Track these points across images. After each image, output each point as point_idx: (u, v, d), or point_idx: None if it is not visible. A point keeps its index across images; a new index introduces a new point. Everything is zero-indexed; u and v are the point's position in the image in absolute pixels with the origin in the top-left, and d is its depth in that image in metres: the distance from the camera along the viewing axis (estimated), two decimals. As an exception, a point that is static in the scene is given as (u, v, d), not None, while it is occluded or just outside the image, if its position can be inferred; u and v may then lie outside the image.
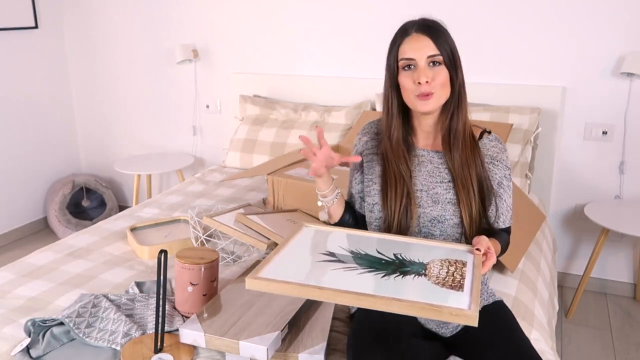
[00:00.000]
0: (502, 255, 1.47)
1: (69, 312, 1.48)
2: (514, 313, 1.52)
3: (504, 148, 1.43)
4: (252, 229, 1.88)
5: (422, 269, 1.17)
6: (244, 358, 1.30)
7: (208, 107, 3.49)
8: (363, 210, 1.51)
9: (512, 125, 2.54)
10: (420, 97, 1.31)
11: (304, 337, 1.36)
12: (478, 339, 1.32)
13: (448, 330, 1.38)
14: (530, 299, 1.76)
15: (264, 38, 3.23)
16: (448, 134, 1.38)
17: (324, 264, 1.18)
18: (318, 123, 2.97)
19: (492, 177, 1.40)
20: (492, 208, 1.41)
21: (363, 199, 1.50)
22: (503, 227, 1.44)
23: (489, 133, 1.44)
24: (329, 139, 2.87)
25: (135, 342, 1.38)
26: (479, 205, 1.37)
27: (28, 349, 1.38)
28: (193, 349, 1.37)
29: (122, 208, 3.83)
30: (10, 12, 3.33)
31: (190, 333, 1.32)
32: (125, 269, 1.84)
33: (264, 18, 3.19)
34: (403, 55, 1.31)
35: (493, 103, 2.76)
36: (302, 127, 2.96)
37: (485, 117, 2.64)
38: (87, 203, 3.72)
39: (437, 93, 1.31)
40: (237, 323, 1.36)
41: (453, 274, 1.15)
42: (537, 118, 2.62)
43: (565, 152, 2.78)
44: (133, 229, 2.12)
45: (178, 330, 1.39)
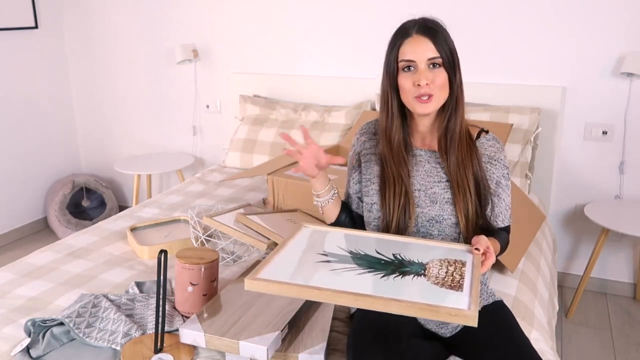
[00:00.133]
0: (501, 255, 1.47)
1: (69, 312, 1.48)
2: (514, 313, 1.52)
3: (502, 147, 1.43)
4: (252, 229, 1.88)
5: (421, 269, 1.17)
6: (244, 358, 1.30)
7: (208, 107, 3.49)
8: (360, 211, 1.51)
9: (512, 125, 2.54)
10: (420, 99, 1.31)
11: (304, 337, 1.36)
12: (478, 339, 1.32)
13: (448, 331, 1.38)
14: (530, 299, 1.76)
15: (264, 38, 3.23)
16: (444, 135, 1.38)
17: (323, 265, 1.18)
18: (318, 123, 2.97)
19: (490, 176, 1.40)
20: (489, 208, 1.41)
21: (361, 199, 1.50)
22: (502, 226, 1.44)
23: (487, 132, 1.44)
24: (329, 139, 2.87)
25: (135, 342, 1.38)
26: (476, 206, 1.37)
27: (28, 349, 1.38)
28: (193, 349, 1.37)
29: (122, 208, 3.83)
30: (10, 12, 3.33)
31: (190, 333, 1.33)
32: (125, 269, 1.84)
33: (264, 18, 3.19)
34: (403, 57, 1.31)
35: (493, 103, 2.76)
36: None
37: (485, 117, 2.64)
38: (87, 203, 3.72)
39: (436, 95, 1.31)
40: (237, 323, 1.36)
41: (452, 274, 1.15)
42: (537, 118, 2.62)
43: (565, 152, 2.78)
44: (133, 229, 2.12)
45: (178, 330, 1.39)
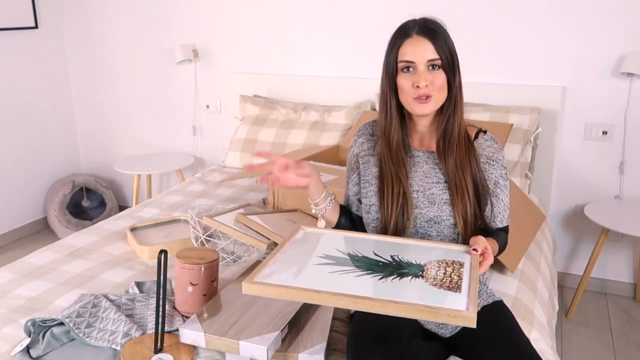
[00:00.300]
0: (500, 255, 1.47)
1: (69, 312, 1.48)
2: (514, 313, 1.52)
3: (500, 147, 1.43)
4: (252, 229, 1.88)
5: (419, 271, 1.17)
6: (244, 358, 1.30)
7: (208, 107, 3.49)
8: (360, 213, 1.50)
9: (512, 125, 2.54)
10: (419, 100, 1.30)
11: (304, 337, 1.36)
12: (478, 339, 1.32)
13: (447, 331, 1.38)
14: (530, 299, 1.76)
15: (264, 38, 3.23)
16: (443, 137, 1.37)
17: (321, 267, 1.18)
18: (318, 123, 2.97)
19: (488, 176, 1.39)
20: (488, 208, 1.40)
21: (360, 201, 1.49)
22: (501, 226, 1.43)
23: (485, 132, 1.43)
24: (329, 139, 2.87)
25: (135, 342, 1.38)
26: (475, 207, 1.36)
27: (28, 349, 1.38)
28: (193, 349, 1.37)
29: (122, 208, 3.83)
30: (10, 12, 3.33)
31: (190, 333, 1.33)
32: (125, 269, 1.84)
33: (264, 18, 3.19)
34: (403, 58, 1.31)
35: (493, 103, 2.76)
36: (302, 127, 2.96)
37: (485, 117, 2.64)
38: (87, 203, 3.72)
39: (435, 96, 1.31)
40: (237, 323, 1.36)
41: (450, 275, 1.15)
42: (537, 118, 2.62)
43: (565, 152, 2.78)
44: (133, 229, 2.12)
45: (178, 330, 1.39)
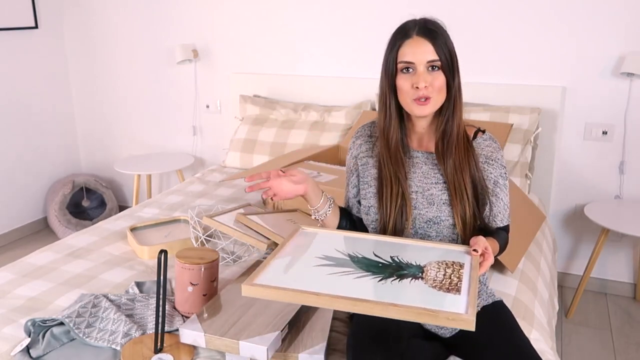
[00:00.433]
0: (501, 254, 1.47)
1: (69, 312, 1.48)
2: (514, 313, 1.52)
3: (499, 147, 1.42)
4: (252, 229, 1.88)
5: (419, 272, 1.16)
6: (244, 358, 1.30)
7: (208, 107, 3.49)
8: (361, 214, 1.50)
9: (512, 125, 2.54)
10: (418, 101, 1.30)
11: (304, 337, 1.36)
12: (478, 339, 1.32)
13: (447, 331, 1.38)
14: (530, 299, 1.76)
15: (264, 38, 3.23)
16: (442, 139, 1.37)
17: (321, 269, 1.17)
18: (318, 123, 2.97)
19: (487, 176, 1.39)
20: (487, 208, 1.40)
21: (360, 202, 1.49)
22: (501, 225, 1.43)
23: (483, 132, 1.43)
24: (329, 139, 2.87)
25: (135, 342, 1.38)
26: (474, 209, 1.36)
27: (28, 349, 1.38)
28: (193, 349, 1.37)
29: (122, 208, 3.83)
30: (10, 12, 3.33)
31: (190, 333, 1.33)
32: (125, 269, 1.84)
33: (264, 18, 3.19)
34: (402, 58, 1.30)
35: (493, 103, 2.76)
36: (302, 127, 2.96)
37: (485, 117, 2.64)
38: (87, 203, 3.72)
39: (434, 97, 1.30)
40: (237, 323, 1.36)
41: (450, 276, 1.14)
42: (537, 118, 2.62)
43: (565, 152, 2.78)
44: (133, 229, 2.12)
45: (178, 330, 1.39)
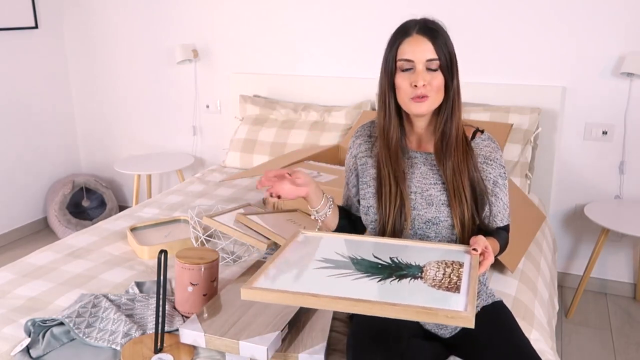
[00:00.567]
0: (502, 254, 1.47)
1: (69, 312, 1.48)
2: (514, 313, 1.52)
3: (497, 147, 1.42)
4: (252, 229, 1.88)
5: (418, 272, 1.16)
6: (244, 358, 1.30)
7: (208, 107, 3.49)
8: (359, 214, 1.51)
9: (512, 125, 2.54)
10: (415, 99, 1.30)
11: (304, 337, 1.36)
12: (478, 339, 1.32)
13: (447, 331, 1.38)
14: (530, 299, 1.76)
15: (264, 38, 3.23)
16: (441, 140, 1.36)
17: (320, 271, 1.17)
18: (318, 123, 2.97)
19: (486, 176, 1.38)
20: (487, 208, 1.39)
21: (359, 202, 1.50)
22: (501, 225, 1.43)
23: (482, 132, 1.43)
24: (329, 139, 2.87)
25: (135, 342, 1.38)
26: (472, 211, 1.36)
27: (28, 349, 1.38)
28: (193, 349, 1.37)
29: (122, 208, 3.83)
30: (10, 12, 3.33)
31: (190, 333, 1.33)
32: (125, 269, 1.84)
33: (264, 18, 3.19)
34: (402, 56, 1.30)
35: (493, 103, 2.76)
36: (302, 127, 2.96)
37: (485, 117, 2.64)
38: (87, 203, 3.72)
39: (432, 97, 1.30)
40: (237, 323, 1.36)
41: (450, 276, 1.14)
42: (537, 118, 2.62)
43: (565, 152, 2.78)
44: (133, 229, 2.12)
45: (178, 330, 1.39)
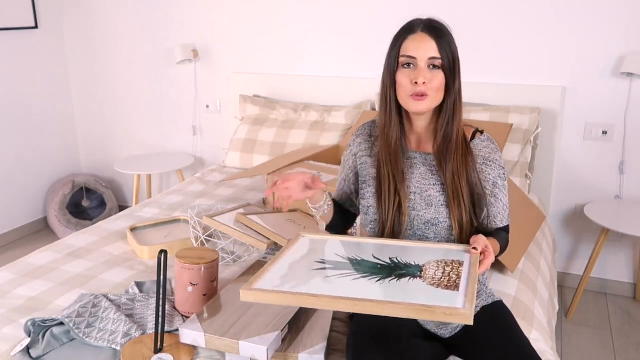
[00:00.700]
0: (502, 255, 1.47)
1: (69, 312, 1.48)
2: (514, 313, 1.52)
3: (497, 148, 1.41)
4: (252, 229, 1.88)
5: (417, 271, 1.16)
6: (244, 358, 1.30)
7: (208, 107, 3.49)
8: (354, 209, 1.54)
9: (512, 125, 2.54)
10: (414, 97, 1.30)
11: (304, 337, 1.36)
12: (478, 340, 1.32)
13: (447, 331, 1.38)
14: (530, 299, 1.76)
15: (264, 38, 3.23)
16: (442, 143, 1.36)
17: (319, 272, 1.17)
18: (318, 123, 2.97)
19: (485, 177, 1.38)
20: (487, 210, 1.39)
21: (356, 198, 1.51)
22: (501, 226, 1.42)
23: (481, 133, 1.42)
24: (329, 139, 2.87)
25: (135, 342, 1.38)
26: (471, 213, 1.36)
27: (28, 349, 1.38)
28: (193, 349, 1.37)
29: (122, 208, 3.83)
30: (10, 12, 3.33)
31: (190, 333, 1.33)
32: (125, 269, 1.84)
33: (264, 18, 3.19)
34: (405, 53, 1.30)
35: (493, 103, 2.76)
36: (302, 127, 2.96)
37: (485, 117, 2.64)
38: (87, 203, 3.72)
39: (431, 96, 1.30)
40: (237, 323, 1.36)
41: (449, 274, 1.14)
42: (537, 118, 2.62)
43: (565, 152, 2.78)
44: (133, 229, 2.12)
45: (178, 330, 1.39)
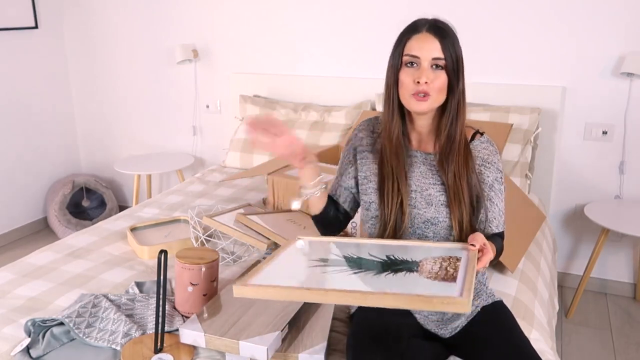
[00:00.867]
0: (495, 261, 1.46)
1: (69, 312, 1.48)
2: (514, 313, 1.52)
3: (496, 150, 1.41)
4: (252, 229, 1.88)
5: (414, 267, 1.15)
6: (244, 358, 1.30)
7: (208, 107, 3.49)
8: (347, 205, 1.51)
9: (512, 125, 2.54)
10: (416, 96, 1.29)
11: (304, 337, 1.36)
12: (478, 340, 1.32)
13: (447, 331, 1.38)
14: (530, 299, 1.76)
15: (264, 38, 3.23)
16: (446, 143, 1.36)
17: (315, 269, 1.17)
18: (318, 123, 2.97)
19: (483, 179, 1.37)
20: (482, 214, 1.38)
21: (353, 194, 1.50)
22: (497, 231, 1.40)
23: (482, 135, 1.42)
24: (329, 139, 2.86)
25: (135, 342, 1.38)
26: (471, 215, 1.36)
27: (28, 349, 1.38)
28: (193, 349, 1.37)
29: (122, 208, 3.83)
30: (10, 12, 3.33)
31: (190, 333, 1.33)
32: (125, 269, 1.84)
33: (264, 18, 3.19)
34: (409, 52, 1.30)
35: (493, 103, 2.76)
36: (302, 127, 2.96)
37: (485, 117, 2.64)
38: (87, 203, 3.72)
39: (433, 96, 1.29)
40: (237, 323, 1.36)
41: (446, 268, 1.13)
42: (537, 118, 2.62)
43: (565, 152, 2.78)
44: (133, 229, 2.12)
45: (178, 330, 1.39)
